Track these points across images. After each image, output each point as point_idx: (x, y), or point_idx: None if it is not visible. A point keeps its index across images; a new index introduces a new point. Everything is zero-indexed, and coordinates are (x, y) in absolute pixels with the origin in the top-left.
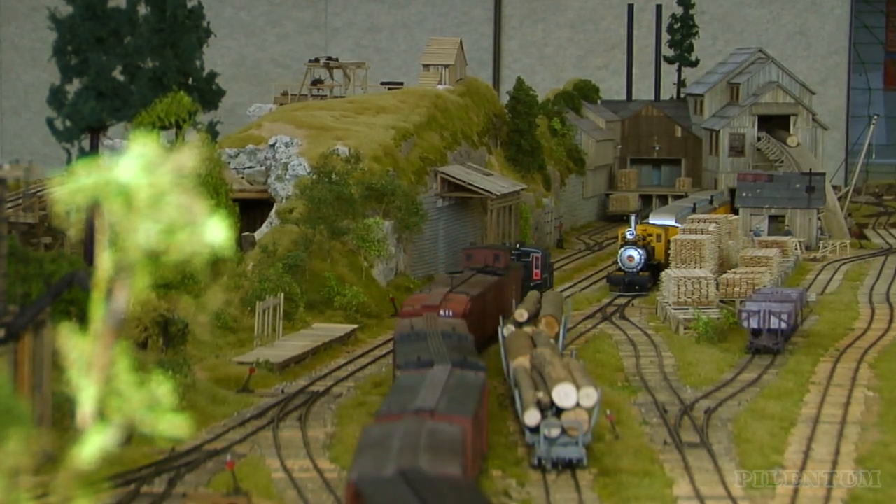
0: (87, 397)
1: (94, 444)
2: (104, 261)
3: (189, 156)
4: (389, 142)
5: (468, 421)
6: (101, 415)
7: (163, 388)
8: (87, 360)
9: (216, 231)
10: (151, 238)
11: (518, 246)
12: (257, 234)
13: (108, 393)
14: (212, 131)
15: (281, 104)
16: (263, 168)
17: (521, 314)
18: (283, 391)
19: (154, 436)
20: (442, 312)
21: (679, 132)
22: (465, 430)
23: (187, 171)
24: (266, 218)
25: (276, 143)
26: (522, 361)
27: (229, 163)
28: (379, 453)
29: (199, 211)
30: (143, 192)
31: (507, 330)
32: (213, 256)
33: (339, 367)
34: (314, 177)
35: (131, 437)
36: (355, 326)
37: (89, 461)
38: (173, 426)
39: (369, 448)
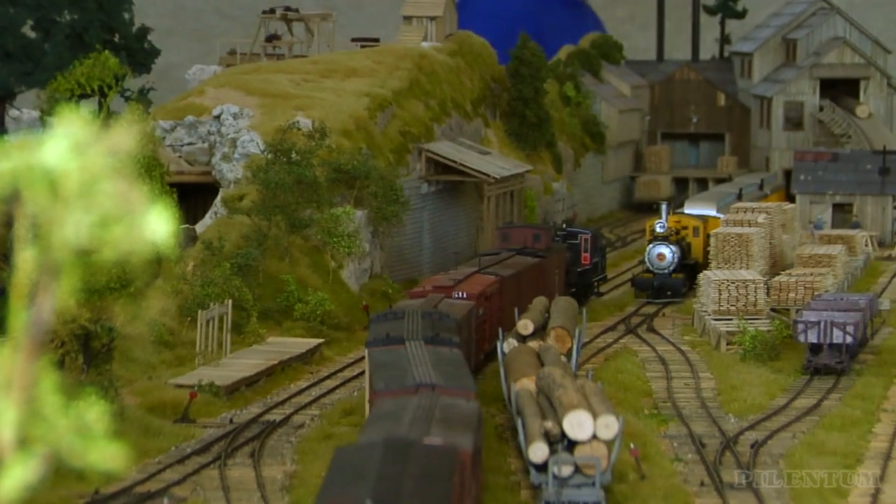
0: (6, 422)
1: (16, 477)
2: (25, 261)
3: (126, 133)
4: (362, 112)
5: (473, 395)
6: (23, 443)
7: (93, 411)
8: (6, 378)
9: (158, 223)
10: (82, 233)
11: (564, 225)
12: (199, 227)
13: (31, 417)
14: (143, 100)
15: (228, 66)
16: (206, 145)
17: (525, 325)
18: (231, 420)
19: (83, 469)
20: (455, 295)
21: (722, 100)
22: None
23: (124, 151)
24: (210, 207)
25: (221, 113)
26: (526, 384)
27: (164, 138)
28: (387, 425)
29: (137, 200)
30: (73, 177)
31: (507, 345)
32: (155, 255)
33: (300, 392)
34: (269, 156)
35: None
36: (320, 341)
37: (11, 497)
38: (107, 457)
39: (377, 420)
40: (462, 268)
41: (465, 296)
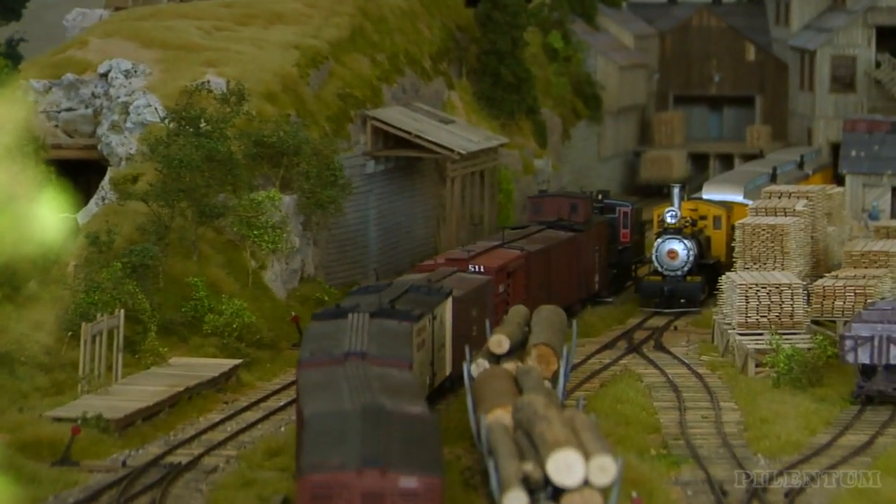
0: None
1: None
2: None
3: (12, 107)
4: (290, 70)
5: (406, 364)
6: None
7: None
8: None
9: (42, 214)
10: None
11: (600, 196)
12: (81, 217)
13: None
14: (11, 54)
15: (117, 9)
16: (90, 111)
17: (500, 342)
18: (124, 463)
19: None
20: (472, 269)
21: (751, 53)
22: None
23: (8, 128)
24: (95, 190)
25: (110, 70)
26: (501, 416)
27: (37, 103)
28: (333, 395)
29: (18, 186)
30: None
31: (476, 367)
32: (47, 252)
33: (212, 426)
34: (171, 125)
35: None
36: (237, 362)
37: None
38: None
39: (318, 390)
40: (483, 241)
41: (482, 270)
